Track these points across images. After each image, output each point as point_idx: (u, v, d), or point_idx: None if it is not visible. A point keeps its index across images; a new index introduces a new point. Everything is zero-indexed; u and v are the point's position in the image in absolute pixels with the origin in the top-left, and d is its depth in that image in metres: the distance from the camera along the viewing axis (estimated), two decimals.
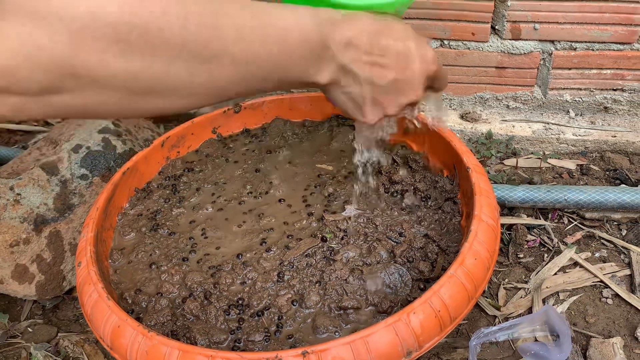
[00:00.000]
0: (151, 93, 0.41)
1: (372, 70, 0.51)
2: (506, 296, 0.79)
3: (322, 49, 0.48)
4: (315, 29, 0.47)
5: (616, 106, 1.01)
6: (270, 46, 0.45)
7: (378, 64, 0.51)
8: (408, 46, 0.53)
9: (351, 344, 0.51)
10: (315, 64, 0.49)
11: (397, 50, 0.52)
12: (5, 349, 0.79)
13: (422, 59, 0.54)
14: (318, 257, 0.68)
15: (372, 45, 0.51)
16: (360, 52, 0.50)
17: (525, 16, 0.93)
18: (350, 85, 0.52)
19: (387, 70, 0.52)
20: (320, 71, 0.50)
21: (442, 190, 0.76)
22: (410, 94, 0.55)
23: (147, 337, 0.53)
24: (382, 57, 0.51)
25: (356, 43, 0.50)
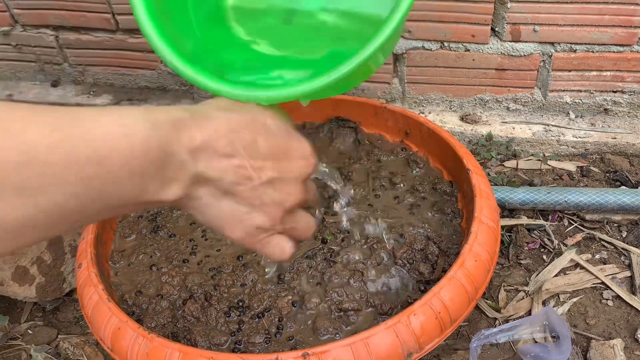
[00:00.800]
0: None
1: (238, 175, 0.40)
2: (506, 298, 0.79)
3: (164, 159, 0.36)
4: (150, 134, 0.35)
5: (616, 108, 1.01)
6: (83, 167, 0.33)
7: (245, 167, 0.40)
8: (282, 142, 0.43)
9: (352, 346, 0.51)
10: (157, 178, 0.37)
11: (267, 148, 0.41)
12: (5, 350, 0.79)
13: (301, 153, 0.44)
14: (318, 259, 0.68)
15: (234, 147, 0.39)
16: (219, 155, 0.39)
17: (525, 18, 0.93)
18: (210, 196, 0.41)
19: (258, 172, 0.41)
20: (167, 186, 0.37)
21: (443, 191, 0.76)
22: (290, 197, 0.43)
23: (148, 339, 0.53)
24: (249, 158, 0.40)
25: (212, 145, 0.38)
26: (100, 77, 1.24)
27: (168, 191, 0.38)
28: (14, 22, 1.16)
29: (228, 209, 0.42)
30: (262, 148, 0.41)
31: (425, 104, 1.08)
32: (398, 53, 1.02)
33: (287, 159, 0.43)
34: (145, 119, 0.36)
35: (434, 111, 1.08)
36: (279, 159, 0.42)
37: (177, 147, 0.37)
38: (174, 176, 0.38)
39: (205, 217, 0.42)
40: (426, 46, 1.00)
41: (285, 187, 0.43)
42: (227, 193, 0.41)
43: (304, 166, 0.44)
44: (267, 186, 0.42)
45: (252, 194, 0.41)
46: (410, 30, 0.99)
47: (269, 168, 0.41)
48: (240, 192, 0.41)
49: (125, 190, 0.35)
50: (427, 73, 1.04)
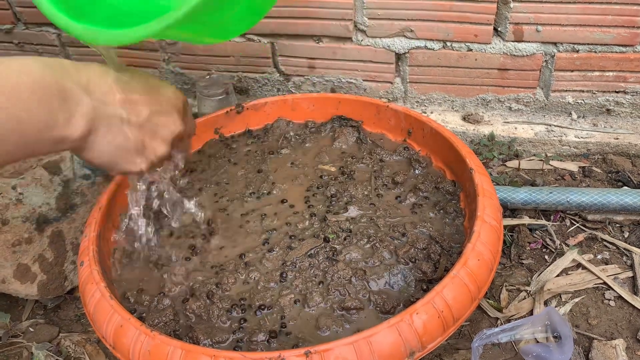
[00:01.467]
0: None
1: (126, 106, 0.49)
2: (508, 298, 0.79)
3: (63, 92, 0.44)
4: (46, 71, 0.43)
5: (618, 108, 1.01)
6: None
7: (130, 100, 0.49)
8: (150, 81, 0.53)
9: (354, 344, 0.51)
10: (63, 109, 0.44)
11: (142, 84, 0.51)
12: (6, 348, 0.79)
13: (171, 90, 0.55)
14: (321, 257, 0.68)
15: (117, 84, 0.49)
16: (106, 91, 0.48)
17: (528, 18, 0.93)
18: (110, 130, 0.48)
19: (141, 104, 0.50)
20: (72, 119, 0.44)
21: (445, 191, 0.76)
22: (171, 125, 0.54)
23: (150, 337, 0.53)
24: (131, 92, 0.50)
25: (97, 81, 0.47)
26: None
27: (75, 124, 0.45)
28: (17, 20, 1.16)
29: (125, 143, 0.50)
30: (141, 86, 0.51)
31: (428, 103, 1.08)
32: (400, 52, 1.02)
33: (159, 93, 0.53)
34: (39, 60, 0.43)
35: (436, 111, 1.08)
36: (152, 92, 0.52)
37: (70, 83, 0.44)
38: (76, 109, 0.45)
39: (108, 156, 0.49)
40: (428, 46, 1.00)
41: (166, 117, 0.53)
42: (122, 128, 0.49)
43: (175, 98, 0.55)
44: (154, 118, 0.52)
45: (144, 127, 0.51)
46: (413, 29, 0.99)
47: (148, 101, 0.51)
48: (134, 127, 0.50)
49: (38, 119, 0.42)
50: (429, 73, 1.04)
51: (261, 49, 1.06)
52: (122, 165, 0.51)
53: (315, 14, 1.00)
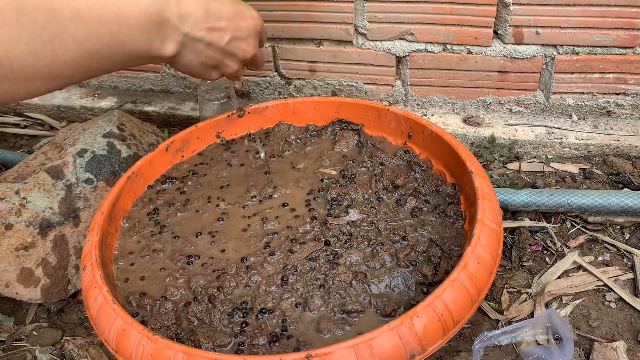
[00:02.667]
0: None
1: (212, 33, 0.61)
2: (509, 300, 0.79)
3: (162, 22, 0.54)
4: (150, 3, 0.52)
5: (619, 110, 1.01)
6: (110, 24, 0.49)
7: (215, 28, 0.61)
8: (238, 8, 0.64)
9: (355, 348, 0.51)
10: (159, 36, 0.54)
11: (229, 12, 0.62)
12: (10, 352, 0.79)
13: (252, 17, 0.65)
14: (322, 261, 0.68)
15: (207, 12, 0.59)
16: (197, 20, 0.58)
17: (528, 21, 0.93)
18: (195, 51, 0.61)
19: (224, 31, 0.62)
20: (166, 43, 0.56)
21: (445, 194, 0.76)
22: (247, 47, 0.67)
23: (152, 341, 0.54)
24: (218, 20, 0.61)
25: (193, 11, 0.58)
26: (104, 79, 1.25)
27: (167, 47, 0.56)
28: None
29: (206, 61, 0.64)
30: (225, 13, 0.62)
31: (428, 106, 1.09)
32: (401, 56, 1.02)
33: (243, 19, 0.65)
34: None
35: (436, 113, 1.08)
36: (236, 19, 0.64)
37: (169, 13, 0.55)
38: (170, 35, 0.56)
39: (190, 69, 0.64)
40: (429, 49, 1.00)
41: (244, 41, 0.67)
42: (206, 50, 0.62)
43: (254, 25, 0.67)
44: (233, 43, 0.65)
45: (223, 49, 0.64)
46: (413, 32, 0.99)
47: (232, 29, 0.64)
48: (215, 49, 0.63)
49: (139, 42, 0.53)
50: (429, 75, 1.04)
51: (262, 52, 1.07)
52: (201, 75, 0.66)
53: (316, 18, 1.01)
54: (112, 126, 0.92)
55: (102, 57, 0.50)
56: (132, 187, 0.80)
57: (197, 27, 0.59)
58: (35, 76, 0.46)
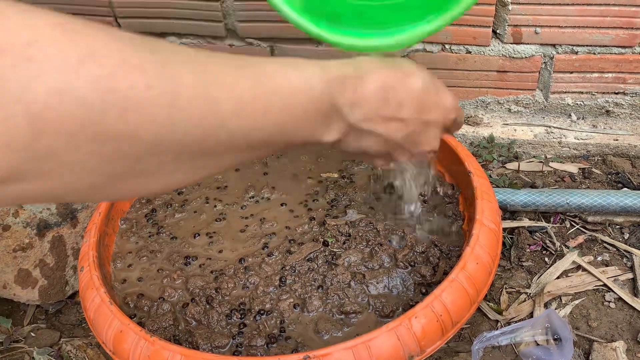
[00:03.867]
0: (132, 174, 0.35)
1: (387, 126, 0.48)
2: (508, 300, 0.79)
3: (331, 111, 0.44)
4: (324, 89, 0.43)
5: (618, 110, 1.01)
6: (275, 115, 0.40)
7: (394, 119, 0.48)
8: (426, 96, 0.49)
9: (353, 349, 0.51)
10: (324, 125, 0.45)
11: (414, 102, 0.48)
12: (8, 353, 0.79)
13: (442, 109, 0.51)
14: (320, 261, 0.68)
15: (386, 100, 0.47)
16: (372, 109, 0.46)
17: (527, 20, 0.93)
18: (361, 139, 0.49)
19: (404, 124, 0.48)
20: (329, 131, 0.46)
21: (444, 194, 0.76)
22: (426, 145, 0.51)
23: (150, 342, 0.54)
24: (398, 111, 0.47)
25: (369, 100, 0.46)
26: None
27: (329, 135, 0.46)
28: None
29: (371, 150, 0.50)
30: (411, 102, 0.48)
31: None
32: (400, 56, 1.02)
33: (432, 112, 0.50)
34: (321, 77, 0.43)
35: None
36: (423, 113, 0.49)
37: (342, 100, 0.45)
38: (335, 124, 0.46)
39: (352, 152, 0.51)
40: (427, 48, 1.00)
41: (425, 136, 0.51)
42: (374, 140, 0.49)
43: (443, 119, 0.51)
44: (410, 136, 0.50)
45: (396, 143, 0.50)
46: None
47: (414, 122, 0.49)
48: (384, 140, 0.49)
49: (301, 133, 0.44)
50: None
51: (261, 53, 1.06)
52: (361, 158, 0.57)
53: None
54: None
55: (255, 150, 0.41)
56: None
57: (368, 117, 0.47)
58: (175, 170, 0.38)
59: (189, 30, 1.05)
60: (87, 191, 0.35)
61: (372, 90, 0.46)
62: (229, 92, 0.37)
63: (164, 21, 1.04)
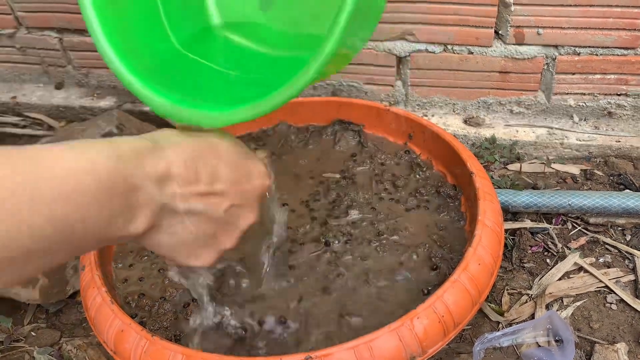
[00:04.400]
0: None
1: (204, 200, 0.42)
2: (510, 301, 0.78)
3: (130, 191, 0.36)
4: (113, 167, 0.35)
5: (620, 111, 1.01)
6: (48, 208, 0.31)
7: (210, 193, 0.42)
8: (238, 164, 0.45)
9: (355, 349, 0.51)
10: (125, 211, 0.36)
11: (227, 171, 0.43)
12: (8, 353, 0.79)
13: (257, 176, 0.47)
14: (321, 261, 0.68)
15: (197, 173, 0.41)
16: (183, 184, 0.40)
17: (529, 21, 0.93)
18: (178, 225, 0.41)
19: (222, 197, 0.43)
20: (134, 219, 0.37)
21: (446, 194, 0.76)
22: (249, 217, 0.47)
23: (151, 342, 0.53)
24: (214, 182, 0.42)
25: (177, 173, 0.40)
26: (104, 79, 1.24)
27: (136, 224, 0.37)
28: (18, 24, 1.16)
29: (193, 237, 0.43)
30: (224, 173, 0.43)
31: (429, 106, 1.08)
32: (402, 56, 1.02)
33: (246, 181, 0.46)
34: (109, 153, 0.36)
35: (437, 114, 1.08)
36: (239, 182, 0.45)
37: (142, 178, 0.37)
38: (140, 208, 0.37)
39: (171, 248, 0.42)
40: (429, 49, 1.00)
41: (246, 209, 0.46)
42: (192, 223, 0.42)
43: (260, 187, 0.47)
44: (232, 209, 0.44)
45: (220, 219, 0.44)
46: (414, 32, 0.99)
47: (232, 193, 0.44)
48: (205, 219, 0.43)
49: (95, 226, 0.34)
50: (430, 76, 1.04)
51: None
52: (182, 259, 0.44)
53: None
54: (111, 126, 0.92)
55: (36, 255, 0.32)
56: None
57: (182, 194, 0.40)
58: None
59: None
60: None
61: (179, 162, 0.40)
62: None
63: None
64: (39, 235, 0.31)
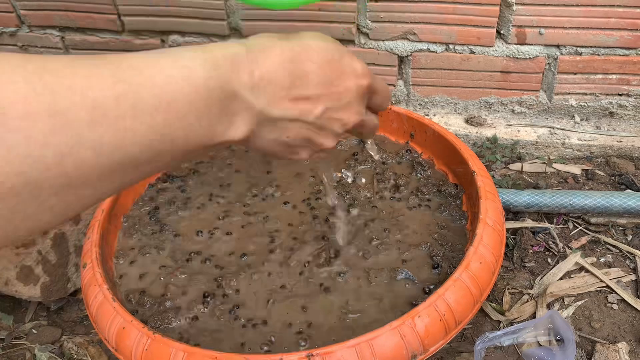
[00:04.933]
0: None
1: (297, 106, 0.42)
2: (511, 301, 0.78)
3: (227, 99, 0.37)
4: (210, 73, 0.36)
5: (622, 111, 1.01)
6: (150, 116, 0.32)
7: (303, 97, 0.42)
8: (332, 65, 0.43)
9: (356, 347, 0.51)
10: (223, 119, 0.37)
11: (321, 73, 0.42)
12: (9, 350, 0.79)
13: (352, 76, 0.45)
14: (322, 259, 0.68)
15: (291, 77, 0.41)
16: (278, 90, 0.40)
17: (531, 21, 0.93)
18: (275, 130, 0.42)
19: (315, 101, 0.43)
20: (233, 126, 0.38)
21: (447, 193, 0.76)
22: (348, 117, 0.46)
23: (152, 339, 0.53)
24: (306, 87, 0.42)
25: (271, 79, 0.40)
26: None
27: (236, 130, 0.39)
28: (21, 22, 1.16)
29: (292, 139, 0.44)
30: (318, 76, 0.42)
31: (430, 106, 1.08)
32: (403, 55, 1.02)
33: (342, 80, 0.44)
34: (204, 59, 0.36)
35: (438, 113, 1.08)
36: (333, 84, 0.43)
37: (238, 84, 0.38)
38: (238, 115, 0.38)
39: (271, 149, 0.44)
40: (431, 48, 1.00)
41: (343, 110, 0.45)
42: (289, 127, 0.43)
43: (357, 86, 0.45)
44: (326, 113, 0.44)
45: (314, 124, 0.44)
46: (416, 32, 0.99)
47: (326, 96, 0.43)
48: (302, 124, 0.43)
49: (195, 134, 0.35)
50: (432, 75, 1.04)
51: None
52: (283, 155, 0.46)
53: (317, 17, 1.01)
54: None
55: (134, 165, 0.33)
56: (133, 186, 0.80)
57: (276, 100, 0.40)
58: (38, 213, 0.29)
59: (192, 28, 1.05)
60: None
61: (272, 67, 0.40)
62: (80, 96, 0.29)
63: (167, 19, 1.04)
64: (141, 143, 0.32)
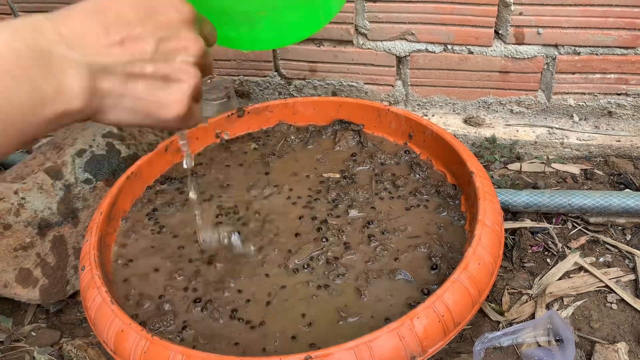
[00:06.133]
0: None
1: (128, 49, 0.39)
2: (510, 301, 0.78)
3: (41, 58, 0.35)
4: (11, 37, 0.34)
5: (620, 111, 1.01)
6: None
7: (129, 38, 0.39)
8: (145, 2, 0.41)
9: (355, 349, 0.51)
10: (49, 77, 0.35)
11: (136, 9, 0.40)
12: (8, 352, 0.79)
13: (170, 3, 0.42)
14: (321, 261, 0.68)
15: (103, 24, 0.38)
16: (95, 40, 0.38)
17: (529, 21, 0.93)
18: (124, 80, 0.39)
19: (143, 38, 0.40)
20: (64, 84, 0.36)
21: (446, 194, 0.76)
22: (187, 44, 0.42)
23: (151, 342, 0.53)
24: (125, 27, 0.39)
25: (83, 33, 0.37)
26: None
27: (70, 92, 0.36)
28: None
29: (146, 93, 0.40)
30: (134, 13, 0.40)
31: (429, 106, 1.08)
32: (401, 56, 1.02)
33: (161, 10, 0.42)
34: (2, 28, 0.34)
35: (437, 114, 1.08)
36: (153, 16, 0.41)
37: (47, 43, 0.35)
38: (65, 72, 0.36)
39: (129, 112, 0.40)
40: (429, 49, 1.00)
41: (178, 39, 0.42)
42: (133, 76, 0.39)
43: (179, 12, 0.43)
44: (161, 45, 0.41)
45: (155, 59, 0.40)
46: (414, 32, 0.99)
47: (151, 30, 0.40)
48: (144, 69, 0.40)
49: (20, 100, 0.34)
50: (430, 75, 1.04)
51: (262, 52, 1.06)
52: (157, 113, 0.42)
53: None
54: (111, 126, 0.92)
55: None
56: (131, 187, 0.80)
57: (101, 49, 0.38)
58: None
59: None
60: None
61: (79, 22, 0.37)
62: None
63: None
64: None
